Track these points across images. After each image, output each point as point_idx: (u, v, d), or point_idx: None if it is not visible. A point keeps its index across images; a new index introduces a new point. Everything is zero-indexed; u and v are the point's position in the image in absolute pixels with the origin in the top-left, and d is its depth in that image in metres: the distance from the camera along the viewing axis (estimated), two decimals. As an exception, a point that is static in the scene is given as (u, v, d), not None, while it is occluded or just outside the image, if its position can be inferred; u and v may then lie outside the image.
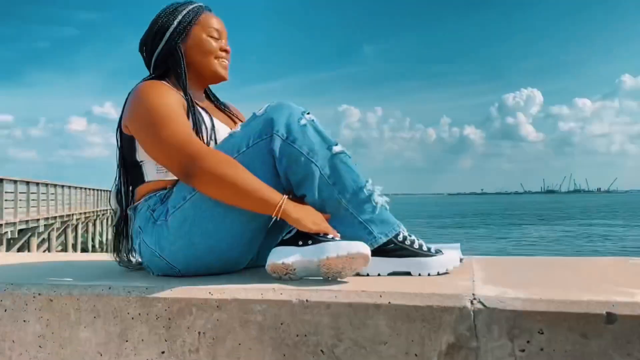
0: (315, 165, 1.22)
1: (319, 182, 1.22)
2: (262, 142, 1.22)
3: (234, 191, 1.16)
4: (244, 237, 1.25)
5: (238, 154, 1.22)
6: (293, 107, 1.25)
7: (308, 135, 1.22)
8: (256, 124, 1.24)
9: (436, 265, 1.22)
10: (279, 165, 1.22)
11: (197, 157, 1.18)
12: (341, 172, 1.23)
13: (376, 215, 1.23)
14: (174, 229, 1.23)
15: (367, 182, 1.25)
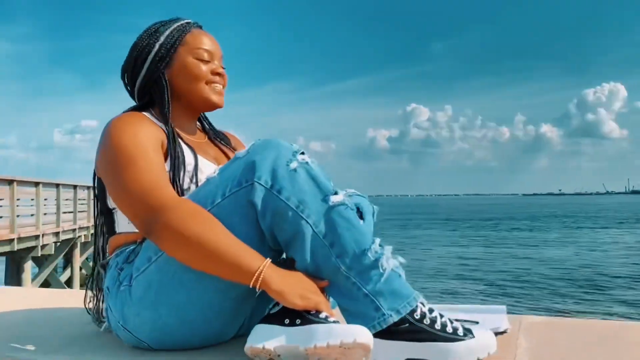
0: (306, 222, 0.96)
1: (312, 242, 0.97)
2: (242, 191, 0.97)
3: (201, 253, 0.93)
4: (222, 308, 1.02)
5: (212, 206, 0.98)
6: (282, 147, 1.00)
7: (298, 183, 0.97)
8: (236, 168, 1.00)
9: (464, 352, 0.93)
10: (262, 220, 0.97)
11: (160, 209, 0.96)
12: (340, 230, 0.96)
13: (386, 285, 0.95)
14: (137, 298, 1.01)
15: (373, 242, 0.98)
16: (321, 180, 1.00)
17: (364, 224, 1.16)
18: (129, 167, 1.02)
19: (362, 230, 0.98)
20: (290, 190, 0.96)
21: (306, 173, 0.99)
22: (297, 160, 0.99)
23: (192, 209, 0.96)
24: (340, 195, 1.00)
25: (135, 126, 1.10)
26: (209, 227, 0.94)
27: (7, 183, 9.26)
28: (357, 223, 0.99)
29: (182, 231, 0.93)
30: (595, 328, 1.23)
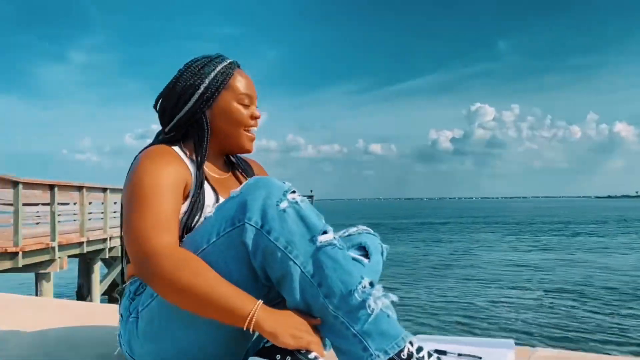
0: (294, 263, 0.99)
1: (300, 282, 0.99)
2: (235, 231, 1.01)
3: (193, 300, 0.96)
4: (219, 341, 1.06)
5: (208, 244, 1.02)
6: (272, 187, 1.03)
7: (287, 223, 1.00)
8: (230, 207, 1.03)
9: (450, 394, 0.93)
10: (254, 259, 1.01)
11: (152, 255, 0.99)
12: (327, 271, 0.98)
13: (374, 325, 0.96)
14: (142, 330, 1.08)
15: (361, 282, 0.98)
16: (310, 220, 1.02)
17: (370, 264, 1.18)
18: (139, 207, 1.06)
19: (349, 270, 0.99)
20: (279, 230, 0.99)
21: (295, 213, 1.01)
22: (287, 199, 1.01)
23: (183, 258, 0.99)
24: (329, 234, 1.02)
25: (159, 165, 1.12)
26: (200, 276, 0.97)
27: (77, 189, 9.82)
28: (345, 263, 1.00)
29: (172, 280, 0.96)
30: None
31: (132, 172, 1.12)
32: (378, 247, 1.24)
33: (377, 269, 1.22)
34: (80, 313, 1.81)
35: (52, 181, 8.66)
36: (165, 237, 1.03)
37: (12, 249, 7.15)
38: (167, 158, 1.15)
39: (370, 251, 1.20)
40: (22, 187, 7.61)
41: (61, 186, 9.00)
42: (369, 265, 1.18)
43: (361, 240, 1.22)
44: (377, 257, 1.22)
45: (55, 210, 8.53)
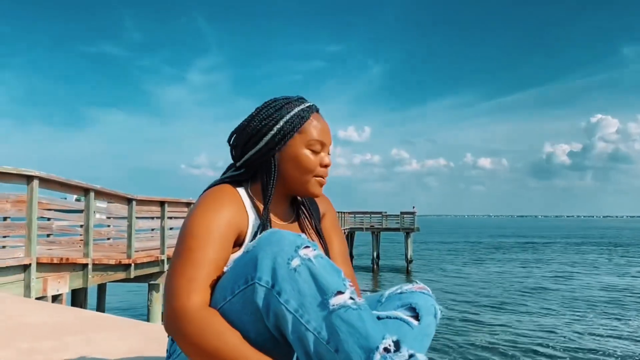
0: (306, 328, 0.95)
1: (315, 348, 0.94)
2: (248, 289, 0.98)
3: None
4: None
5: (224, 302, 1.01)
6: (284, 241, 0.98)
7: (298, 284, 0.95)
8: (244, 263, 1.01)
9: None
10: (267, 320, 0.98)
11: (179, 317, 0.98)
12: (342, 336, 0.92)
13: None
14: None
15: (378, 346, 0.92)
16: (322, 279, 0.97)
17: (419, 326, 1.13)
18: (182, 255, 1.06)
19: (367, 334, 0.93)
20: (290, 292, 0.95)
21: (307, 271, 0.96)
22: (299, 256, 0.97)
23: (208, 321, 0.98)
24: (344, 294, 0.96)
25: (215, 209, 1.11)
26: (222, 340, 0.96)
27: (186, 205, 10.48)
28: (361, 325, 0.94)
29: (194, 343, 0.96)
30: None
31: (189, 213, 1.13)
32: (431, 308, 1.17)
33: (428, 332, 1.15)
34: (151, 336, 1.94)
35: (162, 198, 9.30)
36: (196, 297, 1.01)
37: (126, 261, 7.76)
38: (223, 202, 1.14)
39: (421, 313, 1.14)
40: (135, 204, 8.26)
41: (171, 202, 9.65)
42: (418, 328, 1.13)
43: (412, 301, 1.17)
44: (429, 319, 1.15)
45: (165, 225, 9.16)
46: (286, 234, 1.01)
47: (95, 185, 7.02)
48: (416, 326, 1.12)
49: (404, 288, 1.21)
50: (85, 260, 6.72)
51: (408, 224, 32.14)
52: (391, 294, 1.21)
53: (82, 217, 7.18)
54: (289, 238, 1.00)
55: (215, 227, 1.09)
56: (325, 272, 0.98)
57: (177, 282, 1.02)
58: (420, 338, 1.12)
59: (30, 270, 5.61)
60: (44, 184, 5.99)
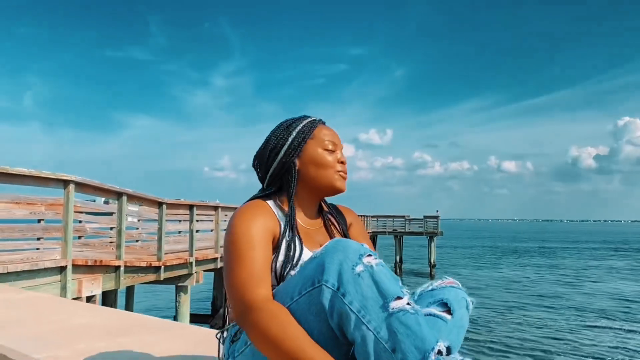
0: (367, 328, 1.03)
1: (374, 347, 1.03)
2: (315, 291, 1.08)
3: (277, 353, 1.05)
4: None
5: (292, 302, 1.11)
6: (349, 249, 1.09)
7: (361, 288, 1.05)
8: (311, 268, 1.11)
9: None
10: (331, 320, 1.07)
11: (250, 307, 1.11)
12: (400, 337, 1.02)
13: None
14: None
15: (433, 348, 1.00)
16: (383, 285, 1.05)
17: (453, 320, 1.20)
18: (235, 262, 1.18)
19: (423, 336, 1.02)
20: (354, 294, 1.04)
21: (370, 277, 1.06)
22: (363, 263, 1.06)
23: (274, 312, 1.08)
24: (403, 299, 1.05)
25: (250, 221, 1.24)
26: (288, 330, 1.05)
27: (214, 209, 10.63)
28: (418, 329, 1.02)
29: (263, 332, 1.06)
30: None
31: (228, 227, 1.26)
32: (462, 301, 1.25)
33: (461, 324, 1.23)
34: (198, 340, 2.01)
35: (191, 202, 9.47)
36: (260, 290, 1.14)
37: (156, 263, 7.92)
38: (256, 212, 1.27)
39: (453, 307, 1.22)
40: (166, 208, 8.42)
41: (199, 206, 9.81)
42: (452, 321, 1.20)
43: (444, 296, 1.24)
44: (461, 312, 1.23)
45: (193, 228, 9.31)
46: (351, 243, 1.10)
47: (127, 189, 7.19)
48: (450, 320, 1.19)
49: (434, 284, 1.29)
50: (118, 262, 6.88)
51: (431, 228, 31.96)
52: (423, 292, 1.28)
53: (111, 219, 7.36)
54: (353, 247, 1.09)
55: (255, 232, 1.22)
56: (386, 279, 1.07)
57: (241, 278, 1.15)
58: (456, 331, 1.19)
59: (66, 271, 5.78)
60: (79, 188, 6.16)
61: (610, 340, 12.15)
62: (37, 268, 5.41)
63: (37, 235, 5.94)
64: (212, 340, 2.00)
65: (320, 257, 1.11)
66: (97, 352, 1.79)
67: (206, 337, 2.05)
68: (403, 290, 1.08)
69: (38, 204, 5.97)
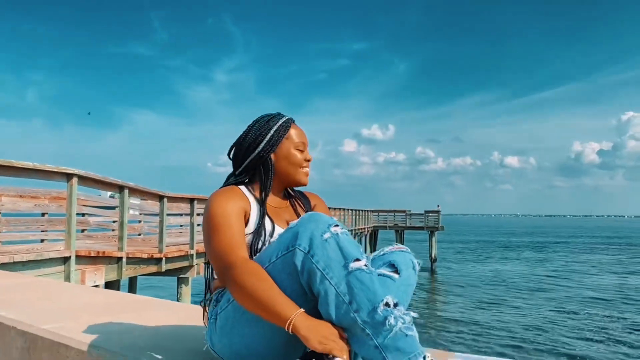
0: (329, 283, 1.22)
1: (335, 299, 1.22)
2: (289, 254, 1.26)
3: (253, 302, 1.24)
4: (279, 340, 1.30)
5: (269, 264, 1.29)
6: (320, 221, 1.27)
7: (327, 251, 1.23)
8: (286, 236, 1.30)
9: (454, 403, 1.10)
10: (301, 277, 1.25)
11: (231, 266, 1.30)
12: (356, 290, 1.20)
13: (392, 341, 1.16)
14: (219, 328, 1.37)
15: (382, 300, 1.18)
16: (346, 249, 1.24)
17: (400, 279, 1.39)
18: (214, 233, 1.38)
19: (375, 290, 1.20)
20: (321, 255, 1.23)
21: (335, 242, 1.24)
22: (330, 231, 1.25)
23: (252, 269, 1.28)
24: (361, 261, 1.23)
25: (226, 200, 1.44)
26: (262, 282, 1.25)
27: (214, 202, 10.80)
28: (371, 284, 1.21)
29: (242, 285, 1.26)
30: None
31: (206, 207, 1.46)
32: (409, 263, 1.44)
33: (409, 283, 1.42)
34: (195, 315, 2.18)
35: (192, 195, 9.64)
36: (239, 252, 1.35)
37: (157, 255, 8.11)
38: (231, 195, 1.47)
39: (400, 268, 1.41)
40: (167, 201, 8.60)
41: (200, 199, 9.98)
42: (399, 280, 1.39)
43: (392, 259, 1.43)
44: (408, 272, 1.42)
45: (194, 221, 9.49)
46: (322, 216, 1.30)
47: (129, 183, 7.36)
48: (397, 279, 1.38)
49: (385, 250, 1.49)
50: (120, 253, 7.06)
51: (432, 223, 32.13)
52: (375, 256, 1.47)
53: (115, 213, 7.54)
54: (324, 219, 1.28)
55: (230, 210, 1.42)
56: (348, 244, 1.25)
57: (222, 244, 1.36)
58: (403, 289, 1.38)
59: (70, 262, 5.96)
60: (82, 182, 6.34)
61: (581, 328, 12.81)
62: (42, 258, 5.60)
63: (42, 227, 6.13)
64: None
65: (295, 227, 1.30)
66: (100, 324, 1.96)
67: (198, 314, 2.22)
68: (362, 254, 1.26)
69: (42, 197, 6.16)
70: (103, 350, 1.63)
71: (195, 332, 1.87)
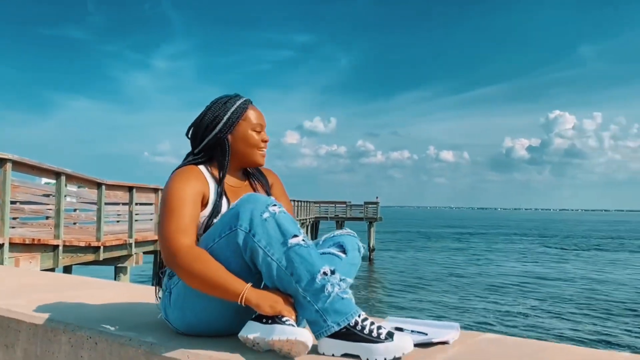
0: (271, 259, 1.35)
1: (277, 272, 1.35)
2: (231, 234, 1.37)
3: (203, 284, 1.35)
4: (226, 311, 1.44)
5: (214, 243, 1.40)
6: (258, 201, 1.38)
7: (267, 229, 1.35)
8: (228, 216, 1.40)
9: (382, 351, 1.27)
10: (244, 255, 1.37)
11: (175, 253, 1.38)
12: (295, 264, 1.33)
13: (330, 304, 1.31)
14: (173, 302, 1.49)
15: (320, 270, 1.33)
16: (284, 226, 1.36)
17: (346, 258, 1.54)
18: (166, 216, 1.44)
19: (313, 262, 1.34)
20: (262, 234, 1.35)
21: (274, 221, 1.36)
22: (269, 211, 1.37)
23: (196, 254, 1.37)
24: (299, 237, 1.36)
25: (184, 182, 1.49)
26: (208, 266, 1.35)
27: (154, 191, 10.67)
28: (309, 257, 1.34)
29: (189, 270, 1.35)
30: (522, 347, 1.47)
31: (165, 186, 1.53)
32: (355, 245, 1.59)
33: (354, 262, 1.57)
34: (139, 293, 2.28)
35: (131, 183, 9.50)
36: (184, 239, 1.41)
37: (95, 244, 7.97)
38: (189, 175, 1.52)
39: (347, 248, 1.56)
40: (105, 189, 8.44)
41: (139, 188, 9.85)
42: (345, 259, 1.54)
43: (341, 240, 1.58)
44: (354, 253, 1.57)
45: (133, 210, 9.36)
46: (260, 196, 1.41)
47: (66, 169, 7.20)
48: (344, 258, 1.54)
49: (335, 233, 1.63)
50: (57, 241, 6.91)
51: (371, 214, 32.82)
52: (326, 238, 1.62)
53: (50, 199, 7.35)
54: (262, 199, 1.40)
55: (187, 192, 1.49)
56: (286, 222, 1.38)
57: (170, 230, 1.42)
58: (349, 267, 1.53)
59: (3, 250, 5.79)
60: (16, 167, 6.16)
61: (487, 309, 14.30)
62: (-27, 245, 5.42)
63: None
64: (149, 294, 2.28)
65: (235, 207, 1.40)
66: (50, 302, 2.02)
67: (148, 291, 2.31)
68: (300, 231, 1.39)
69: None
70: (56, 323, 1.71)
71: (143, 307, 1.97)
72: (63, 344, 1.66)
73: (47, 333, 1.71)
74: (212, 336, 1.50)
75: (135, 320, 1.74)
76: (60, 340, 1.67)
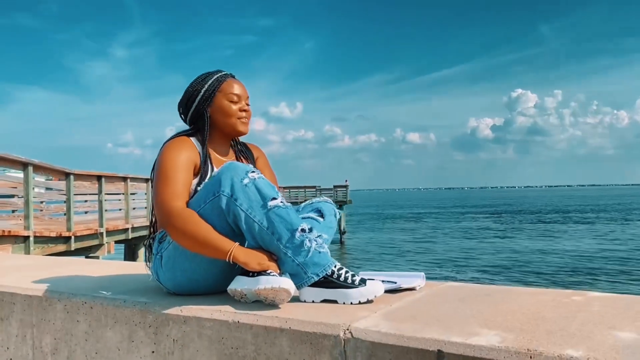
0: (253, 221, 1.48)
1: (259, 232, 1.48)
2: (215, 199, 1.50)
3: (194, 243, 1.48)
4: (214, 270, 1.57)
5: (200, 208, 1.53)
6: (238, 168, 1.51)
7: (248, 194, 1.48)
8: (211, 183, 1.54)
9: (356, 295, 1.44)
10: (228, 218, 1.50)
11: (169, 215, 1.51)
12: (276, 223, 1.47)
13: (309, 258, 1.46)
14: (164, 264, 1.62)
15: (298, 228, 1.47)
16: (263, 190, 1.49)
17: (324, 222, 1.69)
18: (161, 181, 1.58)
19: (291, 221, 1.48)
20: (243, 199, 1.48)
21: (254, 186, 1.49)
22: (248, 177, 1.50)
23: (188, 215, 1.50)
24: (277, 199, 1.50)
25: (177, 151, 1.63)
26: (199, 227, 1.48)
27: (122, 180, 10.62)
28: (288, 216, 1.48)
29: (181, 230, 1.48)
30: (485, 290, 1.65)
31: (158, 156, 1.66)
32: (332, 210, 1.74)
33: (331, 226, 1.71)
34: (127, 266, 2.39)
35: (100, 172, 9.45)
36: (178, 202, 1.55)
37: (66, 234, 7.94)
38: (182, 145, 1.66)
39: (325, 213, 1.71)
40: (73, 178, 8.39)
41: (108, 177, 9.79)
42: (323, 223, 1.68)
43: (319, 206, 1.73)
44: (331, 217, 1.72)
45: (102, 199, 9.32)
46: (240, 164, 1.54)
47: (33, 159, 7.14)
48: (322, 221, 1.69)
49: (313, 200, 1.78)
50: (27, 232, 6.88)
51: (341, 197, 33.15)
52: (305, 205, 1.77)
53: (19, 190, 7.28)
54: (241, 166, 1.53)
55: (181, 160, 1.62)
56: (265, 187, 1.52)
57: (165, 194, 1.55)
58: (326, 230, 1.67)
59: (-26, 242, 5.77)
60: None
61: None
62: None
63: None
64: (136, 267, 2.39)
65: (217, 175, 1.54)
66: (39, 278, 2.11)
67: (135, 265, 2.43)
68: (277, 193, 1.53)
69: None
70: (50, 293, 1.81)
71: (133, 277, 2.09)
72: (59, 311, 1.77)
73: (42, 302, 1.81)
74: (201, 294, 1.64)
75: (127, 286, 1.86)
76: (55, 308, 1.78)
